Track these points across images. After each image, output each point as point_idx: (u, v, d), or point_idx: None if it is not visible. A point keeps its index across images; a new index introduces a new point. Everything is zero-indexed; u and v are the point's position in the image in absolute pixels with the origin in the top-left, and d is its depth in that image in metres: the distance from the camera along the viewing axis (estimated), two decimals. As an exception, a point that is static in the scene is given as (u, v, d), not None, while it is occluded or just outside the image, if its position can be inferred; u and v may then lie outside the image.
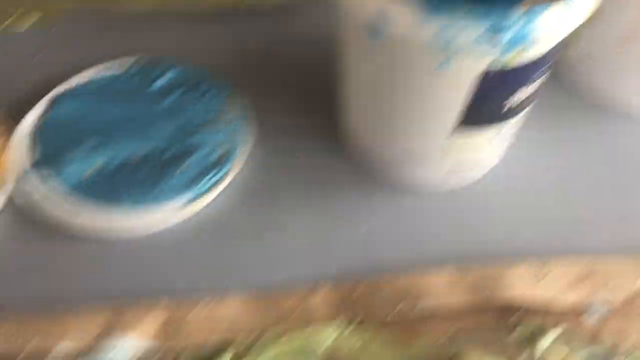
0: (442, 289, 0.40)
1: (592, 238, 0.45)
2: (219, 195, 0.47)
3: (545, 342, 0.38)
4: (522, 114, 0.42)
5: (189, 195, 0.46)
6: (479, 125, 0.41)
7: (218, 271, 0.43)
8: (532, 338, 0.39)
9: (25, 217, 0.45)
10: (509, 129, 0.43)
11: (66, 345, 0.37)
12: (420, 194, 0.48)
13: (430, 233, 0.45)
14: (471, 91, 0.36)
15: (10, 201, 0.46)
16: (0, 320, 0.38)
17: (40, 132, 0.49)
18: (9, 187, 0.46)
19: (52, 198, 0.45)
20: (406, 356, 0.38)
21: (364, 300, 0.40)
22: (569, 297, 0.40)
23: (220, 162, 0.47)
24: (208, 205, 0.46)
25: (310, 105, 0.54)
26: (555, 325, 0.39)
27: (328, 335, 0.39)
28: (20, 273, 0.42)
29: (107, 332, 0.38)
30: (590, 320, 0.40)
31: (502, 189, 0.48)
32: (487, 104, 0.38)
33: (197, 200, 0.46)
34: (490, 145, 0.44)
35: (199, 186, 0.46)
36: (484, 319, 0.40)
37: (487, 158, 0.46)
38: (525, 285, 0.40)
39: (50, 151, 0.48)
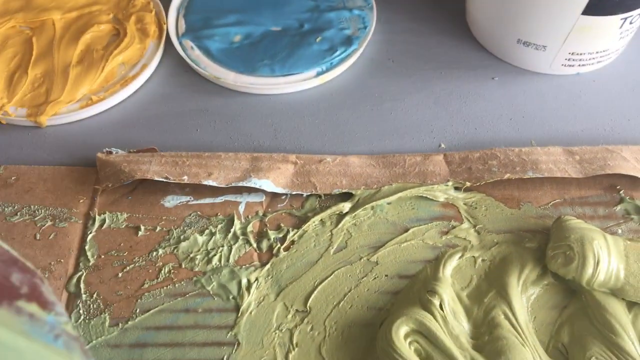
0: (549, 165, 0.43)
1: None
2: (347, 69, 0.51)
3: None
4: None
5: (321, 67, 0.50)
6: (603, 12, 0.43)
7: (342, 134, 0.48)
8: (638, 211, 0.42)
9: (179, 72, 0.52)
10: (632, 21, 0.44)
11: (213, 180, 0.42)
12: (540, 75, 0.50)
13: (547, 113, 0.48)
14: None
15: (166, 59, 0.53)
16: (159, 157, 0.44)
17: (190, 4, 0.55)
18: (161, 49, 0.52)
19: (201, 61, 0.51)
20: (513, 217, 0.42)
21: (476, 167, 0.43)
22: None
23: (349, 41, 0.51)
24: (337, 77, 0.51)
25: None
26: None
27: (443, 192, 0.43)
28: (173, 118, 0.49)
29: (246, 175, 0.43)
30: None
31: (623, 78, 0.50)
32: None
33: (328, 72, 0.50)
34: (614, 36, 0.46)
35: (330, 59, 0.50)
36: (589, 192, 0.43)
37: (611, 48, 0.48)
38: (631, 166, 0.42)
39: (198, 23, 0.54)
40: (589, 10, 0.43)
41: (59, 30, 0.53)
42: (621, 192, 0.43)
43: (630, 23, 0.46)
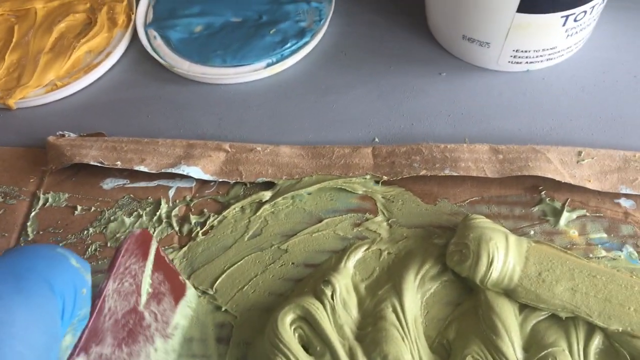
0: (468, 163, 0.43)
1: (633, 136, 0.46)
2: (298, 61, 0.53)
3: (567, 217, 0.41)
4: (588, 7, 0.43)
5: (271, 58, 0.52)
6: (539, 10, 0.43)
7: (281, 125, 0.49)
8: (555, 213, 0.41)
9: (142, 60, 0.55)
10: (577, 19, 0.44)
11: (145, 166, 0.45)
12: (489, 72, 0.50)
13: (488, 110, 0.48)
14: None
15: (131, 48, 0.56)
16: (101, 142, 0.47)
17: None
18: (128, 38, 0.55)
19: (161, 50, 0.54)
20: (427, 213, 0.43)
21: (399, 161, 0.44)
22: (598, 185, 0.41)
23: (302, 33, 0.53)
24: (288, 68, 0.52)
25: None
26: (580, 207, 0.42)
27: (362, 185, 0.44)
28: (128, 104, 0.52)
29: (176, 162, 0.46)
30: (615, 209, 0.41)
31: (574, 77, 0.49)
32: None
33: (278, 64, 0.52)
34: (559, 34, 0.45)
35: (280, 51, 0.52)
36: (509, 191, 0.43)
37: (560, 46, 0.47)
38: (552, 168, 0.42)
39: (164, 13, 0.56)
40: (524, 8, 0.43)
41: (39, 19, 0.57)
42: (542, 192, 0.42)
43: (575, 20, 0.45)
